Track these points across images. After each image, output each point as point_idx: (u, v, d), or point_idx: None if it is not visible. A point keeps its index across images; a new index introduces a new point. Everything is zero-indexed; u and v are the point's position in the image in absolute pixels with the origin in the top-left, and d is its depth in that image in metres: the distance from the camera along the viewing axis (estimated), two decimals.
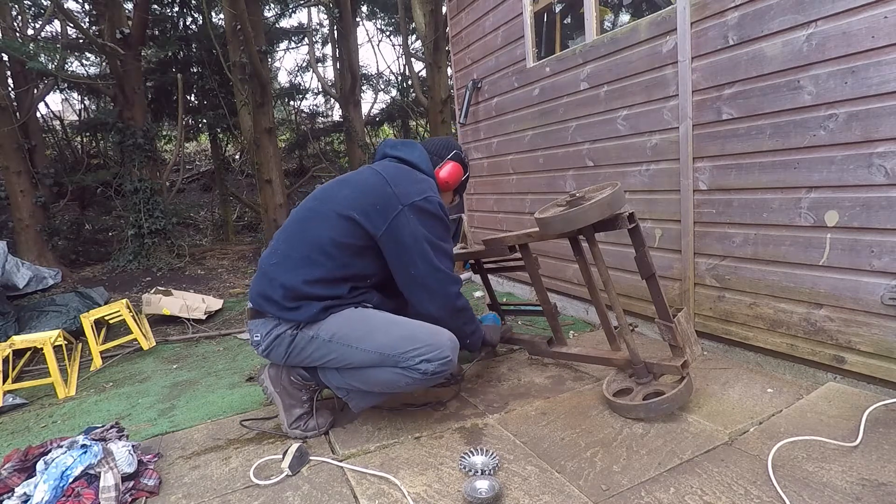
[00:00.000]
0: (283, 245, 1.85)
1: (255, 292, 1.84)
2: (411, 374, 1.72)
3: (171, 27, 9.65)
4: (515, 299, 3.88)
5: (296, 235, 1.84)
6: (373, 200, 1.78)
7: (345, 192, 1.85)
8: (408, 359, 1.70)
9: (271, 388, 1.94)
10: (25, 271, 5.58)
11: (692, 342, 1.92)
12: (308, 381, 1.92)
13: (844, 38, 1.80)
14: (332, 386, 1.88)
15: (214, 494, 1.61)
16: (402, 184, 1.81)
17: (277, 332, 1.79)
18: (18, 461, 1.66)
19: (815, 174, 1.95)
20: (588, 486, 1.50)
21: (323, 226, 1.80)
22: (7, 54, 6.27)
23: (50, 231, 6.65)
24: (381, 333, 1.74)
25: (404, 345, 1.71)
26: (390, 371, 1.74)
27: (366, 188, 1.82)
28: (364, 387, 1.82)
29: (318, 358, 1.80)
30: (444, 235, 1.86)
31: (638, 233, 1.85)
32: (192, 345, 3.63)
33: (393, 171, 1.86)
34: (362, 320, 1.78)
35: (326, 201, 1.86)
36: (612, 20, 4.75)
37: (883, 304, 1.80)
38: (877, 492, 1.35)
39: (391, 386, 1.78)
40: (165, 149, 11.00)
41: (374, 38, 22.80)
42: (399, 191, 1.78)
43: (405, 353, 1.71)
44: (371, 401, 1.91)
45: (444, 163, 2.06)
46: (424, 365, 1.70)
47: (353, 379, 1.81)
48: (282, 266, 1.80)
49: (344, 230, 1.77)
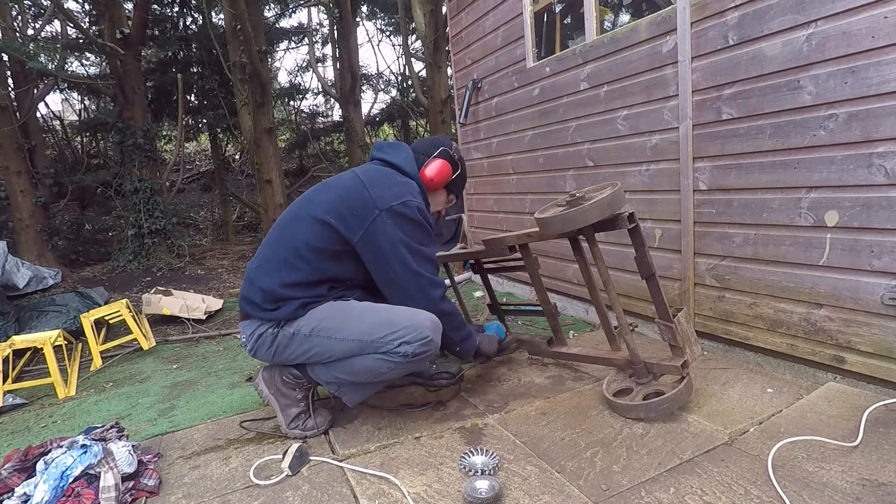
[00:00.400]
0: (264, 249, 1.89)
1: (240, 296, 1.89)
2: (392, 357, 1.72)
3: (171, 27, 9.65)
4: (515, 299, 3.88)
5: (276, 240, 1.87)
6: (350, 205, 1.77)
7: (323, 197, 1.85)
8: (386, 343, 1.71)
9: (266, 391, 1.94)
10: (25, 271, 5.59)
11: (692, 342, 1.92)
12: (300, 380, 1.92)
13: (844, 38, 1.80)
14: (322, 381, 1.88)
15: (214, 494, 1.61)
16: (380, 188, 1.79)
17: (260, 332, 1.81)
18: (18, 461, 1.66)
19: (815, 174, 1.95)
20: (588, 486, 1.50)
21: (300, 230, 1.81)
22: (7, 54, 6.27)
23: (50, 231, 6.65)
24: (359, 321, 1.75)
25: (382, 330, 1.72)
26: (371, 358, 1.74)
27: (343, 193, 1.82)
28: (351, 378, 1.82)
29: (302, 353, 1.81)
30: (423, 240, 1.83)
31: (638, 233, 1.85)
32: (192, 345, 3.63)
33: (373, 175, 1.85)
34: (340, 311, 1.79)
35: (306, 206, 1.87)
36: (612, 20, 4.75)
37: (883, 304, 1.80)
38: (877, 492, 1.35)
39: (375, 373, 1.77)
40: (165, 149, 11.00)
41: (374, 38, 22.82)
42: (376, 194, 1.77)
43: (383, 337, 1.71)
44: (363, 393, 1.91)
45: (430, 160, 2.00)
46: (404, 347, 1.70)
47: (338, 371, 1.82)
48: (262, 269, 1.83)
49: (319, 235, 1.78)
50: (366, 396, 1.94)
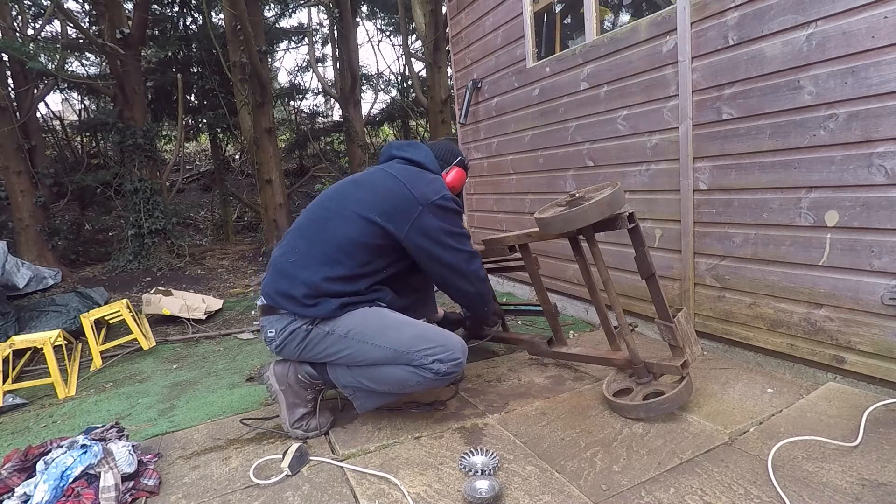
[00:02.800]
0: (301, 243, 1.89)
1: (273, 290, 1.86)
2: (424, 373, 1.75)
3: (171, 27, 9.66)
4: (515, 299, 3.88)
5: (315, 235, 1.88)
6: (393, 203, 1.84)
7: (361, 195, 1.90)
8: (421, 357, 1.74)
9: (276, 386, 1.92)
10: (25, 271, 5.59)
11: (692, 342, 1.92)
12: (315, 380, 1.92)
13: (844, 38, 1.80)
14: (340, 384, 1.89)
15: (214, 494, 1.61)
16: (419, 185, 1.87)
17: (293, 328, 1.81)
18: (18, 461, 1.66)
19: (815, 174, 1.95)
20: (588, 486, 1.50)
21: (343, 226, 1.84)
22: (7, 54, 6.27)
23: (50, 231, 6.66)
24: (396, 331, 1.79)
25: (418, 343, 1.75)
26: (403, 369, 1.76)
27: (383, 191, 1.88)
28: (373, 385, 1.83)
29: (333, 353, 1.82)
30: (459, 223, 1.97)
31: (638, 233, 1.85)
32: (192, 345, 3.63)
33: (406, 174, 1.93)
34: (378, 318, 1.82)
35: (344, 202, 1.90)
36: (612, 20, 4.75)
37: (883, 304, 1.80)
38: (877, 492, 1.35)
39: (402, 384, 1.80)
40: (165, 149, 11.01)
41: (374, 38, 22.83)
42: (417, 192, 1.85)
43: (419, 351, 1.74)
44: (377, 401, 1.92)
45: (451, 168, 2.15)
46: (437, 365, 1.74)
47: (363, 376, 1.83)
48: (300, 263, 1.84)
49: (365, 231, 1.83)
50: (377, 405, 1.95)
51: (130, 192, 6.81)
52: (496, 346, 2.81)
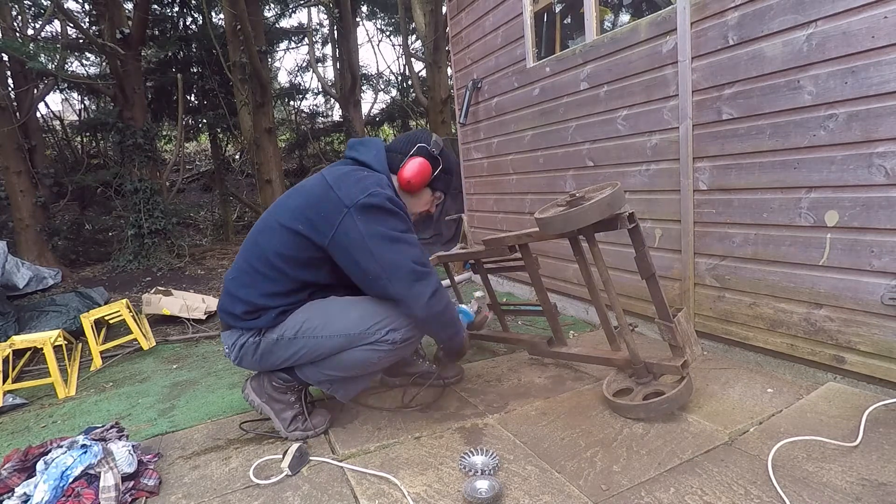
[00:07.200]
0: (241, 260, 1.84)
1: (220, 308, 1.86)
2: (381, 346, 1.73)
3: (171, 27, 9.67)
4: (515, 299, 3.88)
5: (250, 251, 1.82)
6: (317, 209, 1.69)
7: (293, 202, 1.78)
8: (373, 333, 1.72)
9: (258, 401, 1.91)
10: (25, 271, 5.59)
11: (692, 342, 1.92)
12: (290, 383, 1.90)
13: (844, 38, 1.80)
14: (313, 381, 1.88)
15: (214, 494, 1.61)
16: (345, 185, 1.69)
17: (242, 342, 1.80)
18: (18, 461, 1.66)
19: (815, 174, 1.95)
20: (588, 486, 1.50)
21: (270, 239, 1.76)
22: (7, 54, 6.27)
23: (50, 231, 6.66)
24: (342, 316, 1.75)
25: (366, 322, 1.72)
26: (361, 350, 1.75)
27: (310, 197, 1.74)
28: (343, 373, 1.82)
29: (290, 356, 1.80)
30: (399, 226, 1.68)
31: (638, 233, 1.85)
32: (192, 345, 3.63)
33: (338, 174, 1.75)
34: (322, 309, 1.78)
35: (275, 212, 1.81)
36: (612, 20, 4.75)
37: (883, 304, 1.80)
38: (877, 492, 1.35)
39: (366, 364, 1.78)
40: (165, 149, 11.02)
41: (374, 38, 22.84)
42: (342, 193, 1.66)
43: (369, 329, 1.72)
44: (356, 387, 1.91)
45: (407, 160, 1.85)
46: (392, 335, 1.72)
47: (328, 368, 1.81)
48: (238, 281, 1.81)
49: (288, 243, 1.72)
50: (359, 391, 1.94)
51: (130, 192, 6.81)
52: (496, 346, 2.82)
